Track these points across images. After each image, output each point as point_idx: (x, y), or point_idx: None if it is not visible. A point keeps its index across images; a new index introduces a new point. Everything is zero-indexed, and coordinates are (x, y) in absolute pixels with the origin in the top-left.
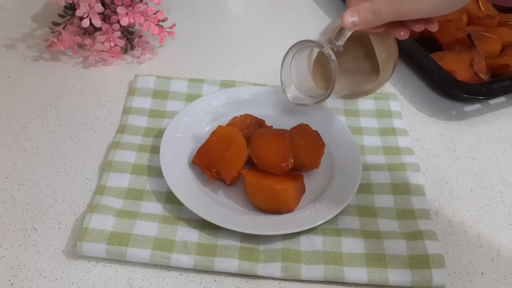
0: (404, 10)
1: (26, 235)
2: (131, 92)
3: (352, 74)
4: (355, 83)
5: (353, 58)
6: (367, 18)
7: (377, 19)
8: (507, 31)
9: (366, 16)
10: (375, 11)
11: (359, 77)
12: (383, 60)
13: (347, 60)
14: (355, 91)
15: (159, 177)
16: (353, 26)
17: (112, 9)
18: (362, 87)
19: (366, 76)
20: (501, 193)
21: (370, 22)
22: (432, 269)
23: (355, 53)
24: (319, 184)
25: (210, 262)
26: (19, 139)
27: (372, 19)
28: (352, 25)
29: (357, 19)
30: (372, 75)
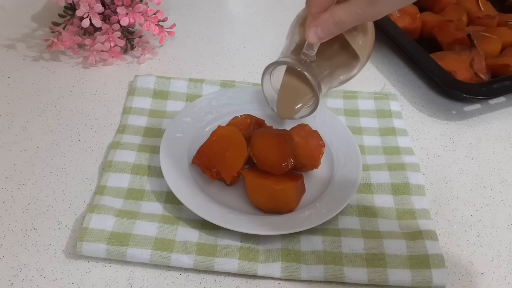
0: (364, 17)
1: (26, 235)
2: (131, 92)
3: (334, 71)
4: (339, 75)
5: (330, 55)
6: (331, 31)
7: (341, 29)
8: (507, 31)
9: (330, 30)
10: (338, 23)
11: (341, 70)
12: (359, 47)
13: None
14: (342, 81)
15: (159, 177)
16: (319, 40)
17: (112, 9)
18: (349, 74)
19: (348, 65)
20: (501, 193)
21: (335, 33)
22: (432, 269)
23: (330, 50)
24: (319, 184)
25: (210, 262)
26: (19, 139)
27: (337, 30)
28: (318, 40)
29: (321, 34)
30: (353, 61)
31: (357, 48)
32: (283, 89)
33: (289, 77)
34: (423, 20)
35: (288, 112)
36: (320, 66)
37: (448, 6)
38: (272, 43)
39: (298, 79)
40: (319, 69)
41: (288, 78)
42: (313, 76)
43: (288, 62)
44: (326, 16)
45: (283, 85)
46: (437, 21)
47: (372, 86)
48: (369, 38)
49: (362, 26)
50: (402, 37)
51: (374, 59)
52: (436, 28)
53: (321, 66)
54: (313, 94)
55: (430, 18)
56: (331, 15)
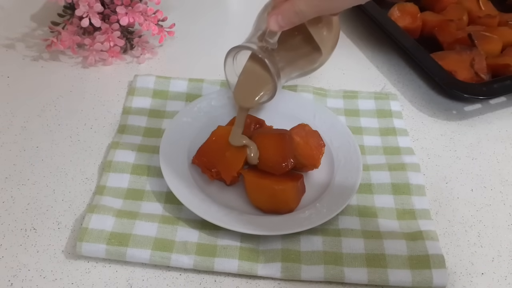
0: (322, 9)
1: (26, 235)
2: (131, 92)
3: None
4: (300, 67)
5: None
6: (291, 20)
7: (301, 19)
8: (508, 31)
9: (290, 18)
10: (298, 12)
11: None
12: (322, 40)
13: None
14: (302, 72)
15: (159, 177)
16: (280, 29)
17: (112, 9)
18: (310, 67)
19: (309, 57)
20: (502, 193)
21: (296, 23)
22: (433, 269)
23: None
24: (319, 184)
25: (210, 262)
26: (19, 139)
27: (297, 20)
28: (279, 28)
29: (282, 23)
30: (315, 54)
31: (319, 41)
32: (243, 75)
33: (251, 63)
34: (424, 20)
35: (245, 98)
36: (281, 55)
37: (448, 5)
38: None
39: (259, 66)
40: (280, 58)
41: (249, 64)
42: (272, 64)
43: (249, 47)
44: (287, 5)
45: (244, 71)
46: (437, 20)
47: (373, 86)
48: (333, 33)
49: (327, 20)
50: (402, 37)
51: (374, 59)
52: (436, 27)
53: (282, 55)
54: (272, 82)
55: (431, 18)
56: (292, 4)
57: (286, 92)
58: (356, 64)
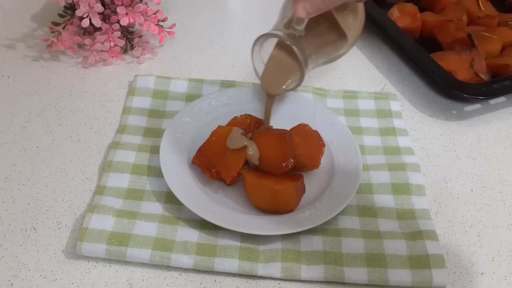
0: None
1: (26, 235)
2: (131, 92)
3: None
4: (326, 53)
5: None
6: (319, 7)
7: (328, 6)
8: (507, 31)
9: (318, 5)
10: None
11: (329, 48)
12: (348, 27)
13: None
14: (328, 59)
15: (159, 177)
16: (308, 15)
17: (112, 9)
18: (335, 54)
19: (335, 44)
20: (501, 193)
21: (323, 9)
22: (433, 269)
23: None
24: (319, 184)
25: (210, 262)
26: (19, 139)
27: (324, 6)
28: (307, 15)
29: (310, 9)
30: (341, 41)
31: (345, 28)
32: (270, 62)
33: (278, 51)
34: (423, 20)
35: (272, 85)
36: (308, 42)
37: (448, 6)
38: None
39: (286, 53)
40: (307, 45)
41: (276, 52)
42: (300, 51)
43: (276, 35)
44: None
45: (271, 58)
46: (437, 21)
47: (372, 86)
48: (359, 20)
49: (353, 7)
50: (402, 37)
51: (374, 59)
52: (436, 28)
53: (309, 42)
54: (299, 69)
55: (430, 18)
56: None
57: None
58: (356, 64)
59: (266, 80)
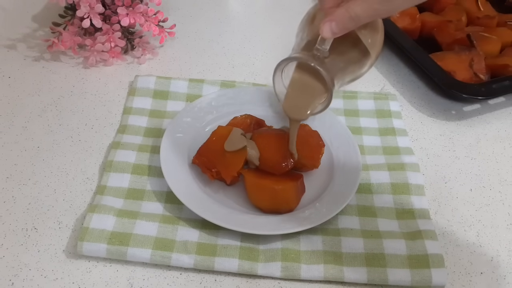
0: (381, 12)
1: (27, 235)
2: (132, 92)
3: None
4: (351, 72)
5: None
6: (346, 26)
7: (356, 24)
8: (507, 31)
9: (345, 25)
10: (353, 18)
11: (352, 66)
12: (370, 44)
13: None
14: (353, 78)
15: (159, 177)
16: (334, 36)
17: (113, 10)
18: (360, 71)
19: (359, 62)
20: (501, 193)
21: (350, 28)
22: (432, 269)
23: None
24: (319, 184)
25: (210, 261)
26: (20, 139)
27: (352, 26)
28: (333, 35)
29: (336, 29)
30: (363, 58)
31: (368, 45)
32: (292, 86)
33: (300, 74)
34: (423, 21)
35: (297, 110)
36: (332, 62)
37: (447, 6)
38: (272, 43)
39: (309, 76)
40: (332, 65)
41: (298, 75)
42: (327, 71)
43: (301, 57)
44: (341, 10)
45: (293, 83)
46: (436, 21)
47: (372, 86)
48: (379, 35)
49: (373, 23)
50: (401, 38)
51: None
52: (435, 28)
53: (333, 62)
54: (326, 91)
55: (430, 19)
56: (346, 10)
57: None
58: None
59: (290, 105)
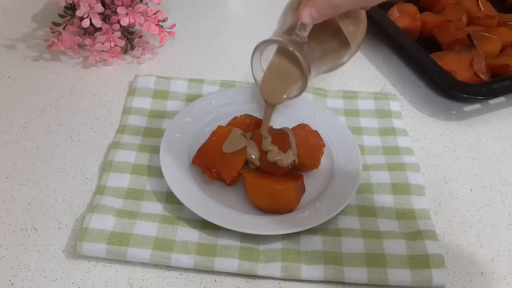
0: (359, 1)
1: (26, 235)
2: (131, 92)
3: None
4: (329, 61)
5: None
6: (325, 13)
7: (335, 12)
8: (507, 31)
9: (324, 11)
10: (333, 5)
11: (332, 55)
12: (351, 34)
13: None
14: (331, 67)
15: (159, 177)
16: (313, 21)
17: (112, 9)
18: (338, 61)
19: (338, 52)
20: (501, 193)
21: (329, 15)
22: (432, 269)
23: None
24: (319, 184)
25: (210, 262)
26: (19, 139)
27: (331, 12)
28: (312, 21)
29: (316, 15)
30: (343, 49)
31: (348, 35)
32: (270, 70)
33: (278, 58)
34: (423, 20)
35: (273, 94)
36: (311, 49)
37: (448, 6)
38: None
39: (287, 60)
40: (310, 52)
41: (277, 59)
42: (304, 57)
43: (279, 41)
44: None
45: (271, 66)
46: (437, 21)
47: (372, 86)
48: (361, 27)
49: (355, 14)
50: (402, 37)
51: (374, 59)
52: (436, 28)
53: (312, 49)
54: (302, 76)
55: (430, 18)
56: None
57: None
58: (356, 64)
59: (266, 88)
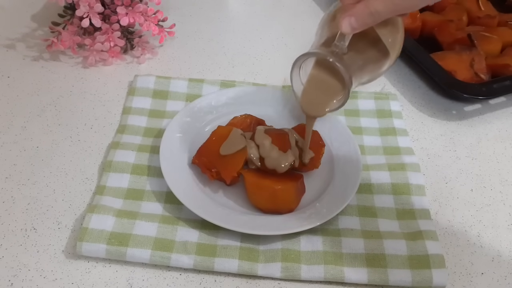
0: (401, 8)
1: (26, 235)
2: (131, 92)
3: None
4: (369, 71)
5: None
6: (365, 22)
7: (376, 20)
8: (507, 31)
9: (364, 20)
10: (373, 13)
11: (371, 65)
12: (390, 43)
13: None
14: (371, 78)
15: (159, 177)
16: (353, 31)
17: (112, 9)
18: (378, 71)
19: (378, 61)
20: (501, 193)
21: (369, 24)
22: (432, 269)
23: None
24: (319, 184)
25: (210, 262)
26: (19, 139)
27: (371, 21)
28: (352, 31)
29: (355, 25)
30: (383, 58)
31: (388, 44)
32: (310, 83)
33: (318, 71)
34: (423, 20)
35: (314, 107)
36: (351, 60)
37: (448, 6)
38: (272, 43)
39: (327, 73)
40: (350, 62)
41: (316, 72)
42: (346, 68)
43: (319, 53)
44: (361, 6)
45: (311, 79)
46: (437, 21)
47: (372, 86)
48: (400, 35)
49: (393, 23)
50: None
51: None
52: (436, 28)
53: (352, 59)
54: (343, 88)
55: (430, 18)
56: (366, 5)
57: (286, 92)
58: None
59: (307, 102)
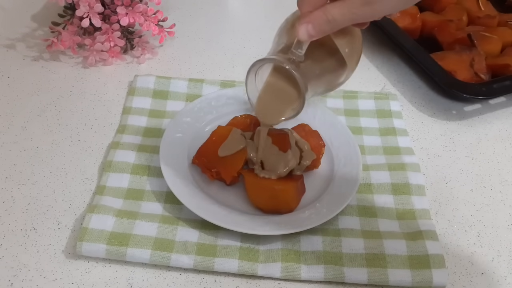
0: (359, 17)
1: (26, 235)
2: (131, 92)
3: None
4: (326, 81)
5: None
6: (322, 29)
7: (333, 28)
8: (507, 31)
9: (322, 27)
10: (330, 21)
11: (328, 75)
12: (347, 54)
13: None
14: (328, 88)
15: (159, 177)
16: (310, 38)
17: (112, 9)
18: (335, 82)
19: (335, 71)
20: (501, 193)
21: (326, 32)
22: (432, 269)
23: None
24: (319, 184)
25: (210, 262)
26: (19, 139)
27: (328, 28)
28: (309, 38)
29: (312, 32)
30: (340, 68)
31: (344, 54)
32: (266, 90)
33: (274, 78)
34: (423, 20)
35: (269, 115)
36: (308, 68)
37: (448, 6)
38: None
39: (283, 80)
40: (307, 71)
41: (272, 79)
42: (302, 76)
43: (275, 59)
44: (319, 13)
45: (267, 86)
46: (437, 21)
47: (372, 86)
48: (357, 46)
49: (352, 34)
50: (402, 37)
51: (374, 59)
52: (436, 28)
53: (309, 68)
54: (299, 96)
55: (430, 18)
56: (324, 12)
57: None
58: None
59: (262, 109)
